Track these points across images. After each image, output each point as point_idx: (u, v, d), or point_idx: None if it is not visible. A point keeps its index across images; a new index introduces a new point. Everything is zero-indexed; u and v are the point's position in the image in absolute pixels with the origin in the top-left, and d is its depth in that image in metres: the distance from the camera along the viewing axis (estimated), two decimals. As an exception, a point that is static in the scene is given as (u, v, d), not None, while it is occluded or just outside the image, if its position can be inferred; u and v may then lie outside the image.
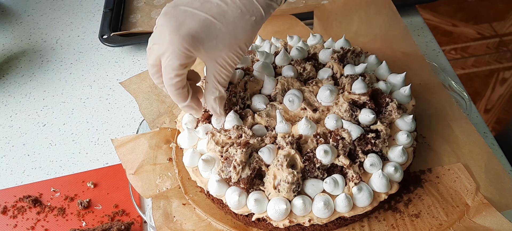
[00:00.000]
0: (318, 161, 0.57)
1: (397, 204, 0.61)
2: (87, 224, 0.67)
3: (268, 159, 0.57)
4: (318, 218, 0.56)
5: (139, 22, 1.00)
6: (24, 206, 0.69)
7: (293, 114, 0.64)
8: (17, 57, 0.97)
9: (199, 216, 0.62)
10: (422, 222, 0.59)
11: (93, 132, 0.80)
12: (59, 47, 0.98)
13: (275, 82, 0.66)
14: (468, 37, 2.32)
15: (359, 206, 0.57)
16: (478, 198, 0.60)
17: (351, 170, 0.58)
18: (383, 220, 0.60)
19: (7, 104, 0.87)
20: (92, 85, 0.89)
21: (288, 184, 0.55)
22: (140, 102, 0.76)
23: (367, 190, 0.57)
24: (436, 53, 0.87)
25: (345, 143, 0.59)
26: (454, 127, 0.68)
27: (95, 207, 0.69)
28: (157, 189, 0.65)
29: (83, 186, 0.71)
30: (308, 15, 0.91)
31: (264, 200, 0.57)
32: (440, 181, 0.63)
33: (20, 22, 1.06)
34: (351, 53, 0.71)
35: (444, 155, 0.65)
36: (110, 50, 0.95)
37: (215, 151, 0.60)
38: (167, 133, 0.71)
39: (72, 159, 0.76)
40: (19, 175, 0.75)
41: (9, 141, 0.80)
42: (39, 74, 0.92)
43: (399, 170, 0.59)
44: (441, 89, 0.73)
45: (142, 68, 0.91)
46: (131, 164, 0.67)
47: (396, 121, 0.63)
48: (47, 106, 0.86)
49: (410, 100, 0.66)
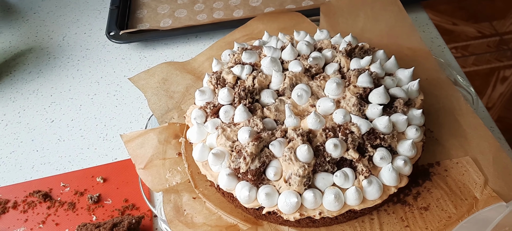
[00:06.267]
0: (328, 155, 0.58)
1: (406, 197, 0.62)
2: (98, 218, 0.67)
3: (278, 152, 0.58)
4: (328, 211, 0.57)
5: (145, 17, 1.01)
6: (34, 201, 0.70)
7: (301, 109, 0.64)
8: (24, 54, 0.97)
9: (209, 209, 0.63)
10: (431, 215, 0.59)
11: (101, 128, 0.81)
12: (65, 45, 0.99)
13: (283, 77, 0.67)
14: (468, 36, 2.33)
15: (369, 199, 0.57)
16: (487, 191, 0.60)
17: (361, 163, 0.58)
18: (392, 213, 0.61)
19: (15, 101, 0.87)
20: (99, 81, 0.89)
21: (299, 177, 0.56)
22: (149, 98, 0.76)
23: (377, 183, 0.57)
24: (442, 49, 0.87)
25: (354, 137, 0.59)
26: (462, 121, 0.69)
27: (105, 201, 0.69)
28: (167, 183, 0.65)
29: (93, 181, 0.72)
30: (315, 12, 0.92)
31: (274, 194, 0.57)
32: (448, 174, 0.63)
33: (27, 19, 1.06)
34: (359, 50, 0.72)
35: (452, 148, 0.66)
36: (117, 47, 0.96)
37: (225, 146, 0.61)
38: (176, 128, 0.72)
39: (81, 154, 0.77)
40: (28, 170, 0.75)
41: (18, 137, 0.80)
42: (46, 71, 0.93)
43: (408, 163, 0.59)
44: (448, 85, 0.74)
45: (149, 64, 0.91)
46: (140, 158, 0.68)
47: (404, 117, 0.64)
48: (55, 103, 0.86)
49: (418, 95, 0.67)
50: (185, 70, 0.81)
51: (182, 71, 0.81)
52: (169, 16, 1.00)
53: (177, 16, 1.00)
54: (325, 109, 0.62)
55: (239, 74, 0.69)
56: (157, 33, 0.94)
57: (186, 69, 0.82)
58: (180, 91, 0.78)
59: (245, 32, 0.88)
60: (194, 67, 0.83)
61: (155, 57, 0.93)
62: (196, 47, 0.94)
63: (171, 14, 1.01)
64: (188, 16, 1.00)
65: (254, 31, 0.88)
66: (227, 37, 0.87)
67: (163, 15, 1.00)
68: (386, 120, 0.60)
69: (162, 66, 0.81)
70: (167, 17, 1.00)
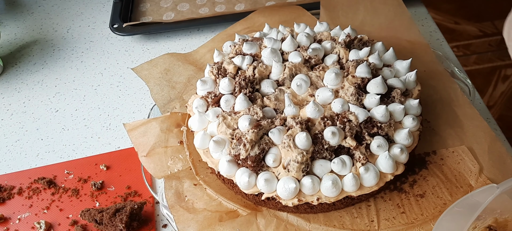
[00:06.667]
0: (326, 142, 0.59)
1: (403, 185, 0.63)
2: (101, 204, 0.68)
3: (277, 139, 0.59)
4: (326, 197, 0.58)
5: (148, 10, 1.02)
6: (39, 187, 0.71)
7: (301, 98, 0.66)
8: (29, 46, 0.99)
9: (210, 195, 0.64)
10: (426, 202, 0.61)
11: (105, 117, 0.82)
12: (70, 37, 1.00)
13: (283, 68, 0.68)
14: (470, 35, 2.33)
15: (366, 186, 0.59)
16: (482, 179, 0.61)
17: (358, 151, 0.59)
18: (389, 199, 0.62)
19: (20, 91, 0.89)
20: (103, 73, 0.91)
21: (298, 164, 0.57)
22: (152, 88, 0.77)
23: (374, 170, 0.59)
24: (440, 42, 0.89)
25: (352, 125, 0.60)
26: (458, 112, 0.70)
27: (108, 188, 0.71)
28: (168, 170, 0.67)
29: (96, 168, 0.73)
30: (315, 5, 0.93)
31: (273, 180, 0.59)
32: (444, 163, 0.64)
33: (32, 12, 1.08)
34: (358, 41, 0.73)
35: (449, 138, 0.67)
36: (120, 39, 0.97)
37: (226, 134, 0.62)
38: (177, 117, 0.73)
39: (85, 143, 0.78)
40: (33, 158, 0.77)
41: (23, 126, 0.82)
42: (51, 63, 0.94)
43: (405, 151, 0.60)
44: (445, 77, 0.75)
45: (151, 57, 0.92)
46: (143, 146, 0.69)
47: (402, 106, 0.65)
48: (59, 93, 0.88)
49: (416, 85, 0.68)
50: (187, 62, 0.83)
51: (184, 62, 0.82)
52: (172, 10, 1.01)
53: (180, 9, 1.02)
54: (323, 99, 0.63)
55: (240, 64, 0.70)
56: (160, 26, 0.96)
57: (188, 60, 0.83)
58: (182, 81, 0.79)
59: (246, 25, 0.89)
60: (196, 58, 0.84)
61: (158, 50, 0.94)
62: (198, 40, 0.95)
63: (173, 7, 1.02)
64: (190, 9, 1.01)
65: (255, 24, 0.90)
66: (229, 30, 0.89)
67: (166, 9, 1.02)
68: (383, 109, 0.61)
69: (164, 57, 0.82)
70: (170, 11, 1.01)
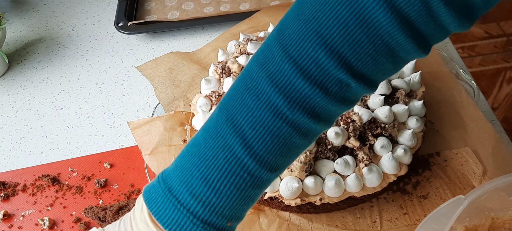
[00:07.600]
0: (329, 143, 0.59)
1: (406, 186, 0.63)
2: (104, 202, 0.69)
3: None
4: (329, 197, 0.58)
5: (153, 9, 1.02)
6: (43, 184, 0.72)
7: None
8: (34, 43, 0.99)
9: (213, 194, 0.64)
10: (429, 203, 0.61)
11: (109, 116, 0.82)
12: (75, 35, 1.01)
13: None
14: (475, 36, 2.32)
15: (369, 186, 0.59)
16: (485, 181, 0.61)
17: (361, 151, 0.59)
18: (392, 200, 0.62)
19: (25, 88, 0.89)
20: (107, 71, 0.91)
21: (301, 164, 0.57)
22: (156, 86, 0.78)
23: (377, 171, 0.59)
24: (445, 43, 0.88)
25: (355, 125, 0.60)
26: (463, 114, 0.70)
27: (112, 186, 0.71)
28: (172, 169, 0.67)
29: (100, 166, 0.74)
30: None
31: (276, 179, 0.59)
32: (448, 164, 0.64)
33: (37, 10, 1.09)
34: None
35: (452, 140, 0.67)
36: (125, 38, 0.98)
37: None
38: (181, 116, 0.73)
39: (89, 140, 0.78)
40: (37, 155, 0.77)
41: (28, 123, 0.82)
42: (56, 60, 0.95)
43: (408, 152, 0.60)
44: (450, 78, 0.75)
45: (156, 55, 0.92)
46: (146, 145, 0.69)
47: (406, 107, 0.65)
48: (64, 91, 0.88)
49: (420, 87, 0.68)
50: (192, 61, 0.83)
51: (189, 61, 0.83)
52: (177, 9, 1.02)
53: (185, 8, 1.02)
54: None
55: (244, 64, 0.70)
56: (165, 24, 0.96)
57: (192, 59, 0.83)
58: (186, 80, 0.80)
59: (250, 25, 0.89)
60: (200, 57, 0.84)
61: (162, 48, 0.94)
62: (203, 39, 0.95)
63: (178, 6, 1.02)
64: (195, 8, 1.02)
65: (260, 23, 0.90)
66: (233, 29, 0.89)
67: (171, 8, 1.02)
68: (387, 110, 0.61)
69: (169, 56, 0.83)
70: (175, 10, 1.02)
